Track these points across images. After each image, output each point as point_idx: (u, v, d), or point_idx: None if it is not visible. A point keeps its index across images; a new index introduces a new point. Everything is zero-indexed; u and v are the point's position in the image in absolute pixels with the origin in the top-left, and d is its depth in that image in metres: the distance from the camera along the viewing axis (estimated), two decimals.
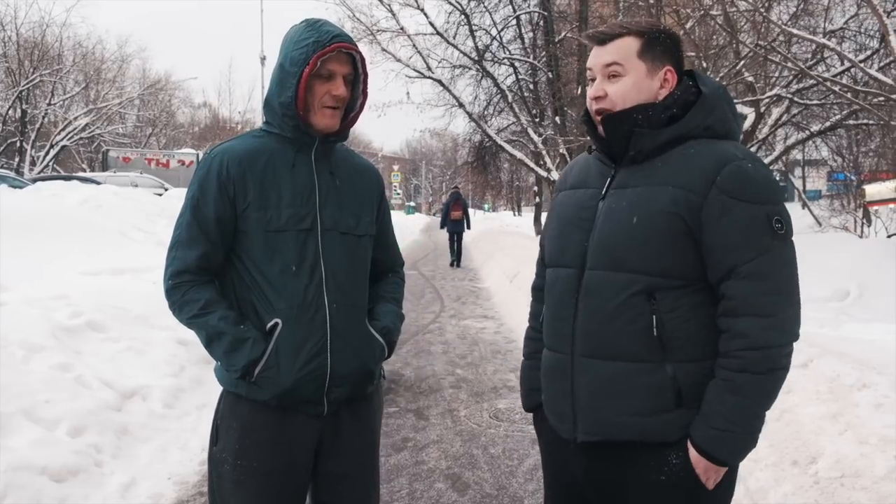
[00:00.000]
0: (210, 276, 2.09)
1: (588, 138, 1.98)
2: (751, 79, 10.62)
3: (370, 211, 2.22)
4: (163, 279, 2.10)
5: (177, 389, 5.21)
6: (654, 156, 1.79)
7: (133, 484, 3.90)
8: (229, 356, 2.01)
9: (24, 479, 3.48)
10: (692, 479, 1.75)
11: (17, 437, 3.74)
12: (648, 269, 1.72)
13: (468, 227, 18.83)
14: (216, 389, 2.19)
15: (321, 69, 2.01)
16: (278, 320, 2.01)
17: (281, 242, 2.03)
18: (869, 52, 10.93)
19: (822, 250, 10.44)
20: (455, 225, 18.30)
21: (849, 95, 9.27)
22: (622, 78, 1.80)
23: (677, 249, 1.71)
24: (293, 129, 2.06)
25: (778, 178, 31.14)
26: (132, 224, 11.08)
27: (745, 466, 3.63)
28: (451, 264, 18.22)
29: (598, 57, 1.84)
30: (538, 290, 2.14)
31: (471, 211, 21.92)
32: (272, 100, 2.08)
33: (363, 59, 2.10)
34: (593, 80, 1.86)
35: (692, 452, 1.72)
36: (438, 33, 18.55)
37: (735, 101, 8.74)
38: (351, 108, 2.15)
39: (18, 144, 31.26)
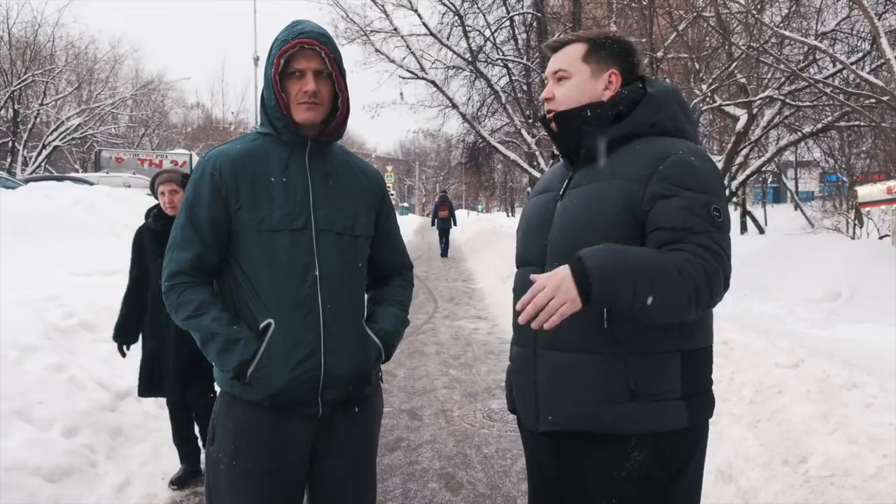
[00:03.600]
0: (206, 277, 2.10)
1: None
2: (743, 80, 10.67)
3: (368, 212, 2.22)
4: (161, 281, 2.11)
5: None
6: (605, 154, 1.87)
7: (127, 484, 3.91)
8: (222, 357, 2.01)
9: (17, 480, 3.47)
10: (655, 476, 1.77)
11: (11, 437, 3.73)
12: None
13: (454, 224, 22.30)
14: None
15: (290, 67, 2.02)
16: (271, 320, 2.01)
17: (274, 242, 2.04)
18: (860, 55, 10.99)
19: (813, 251, 10.51)
20: (443, 222, 21.74)
21: (840, 97, 9.33)
22: (567, 81, 1.94)
23: (626, 241, 1.74)
24: (284, 129, 2.08)
25: (770, 180, 31.32)
26: (125, 225, 11.02)
27: (735, 466, 3.68)
28: (441, 255, 21.14)
29: (550, 64, 2.00)
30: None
31: (465, 212, 25.81)
32: (264, 102, 2.11)
33: (330, 55, 2.05)
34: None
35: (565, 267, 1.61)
36: (432, 34, 18.54)
37: (727, 102, 8.79)
38: (337, 106, 2.15)
39: (10, 145, 31.09)
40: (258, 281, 2.04)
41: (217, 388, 2.17)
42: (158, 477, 4.08)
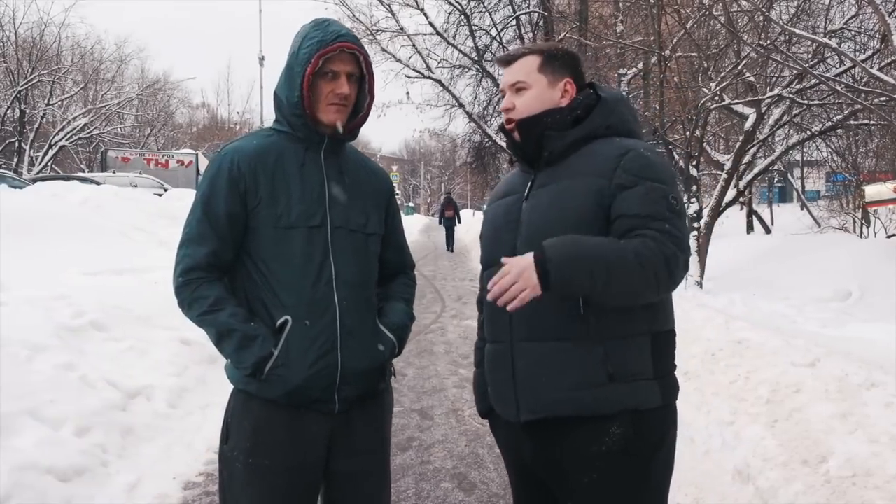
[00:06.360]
0: (220, 273, 2.08)
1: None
2: (752, 79, 10.62)
3: (378, 210, 2.23)
4: (172, 276, 2.09)
5: (180, 389, 5.20)
6: (566, 156, 2.00)
7: (139, 484, 3.89)
8: (239, 354, 1.99)
9: (29, 479, 3.46)
10: (635, 450, 1.85)
11: (23, 437, 3.72)
12: None
13: (459, 222, 25.63)
14: (219, 389, 2.17)
15: (325, 68, 2.02)
16: (288, 317, 2.00)
17: (290, 239, 2.03)
18: (870, 53, 10.93)
19: (822, 251, 10.45)
20: (449, 221, 24.58)
21: (850, 95, 9.27)
22: (527, 91, 2.05)
23: (595, 231, 1.86)
24: (302, 127, 2.07)
25: (776, 179, 31.22)
26: (132, 224, 11.06)
27: (754, 466, 3.64)
28: (448, 250, 23.53)
29: (505, 77, 2.10)
30: (482, 302, 2.25)
31: (470, 212, 29.01)
32: (281, 98, 2.09)
33: (367, 60, 2.11)
34: (505, 97, 2.11)
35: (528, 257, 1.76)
36: (438, 33, 18.56)
37: (736, 101, 8.74)
38: (359, 108, 2.15)
39: (17, 145, 31.16)
40: (274, 278, 2.03)
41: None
42: (170, 477, 4.06)
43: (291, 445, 2.03)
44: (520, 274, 1.73)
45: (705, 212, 10.78)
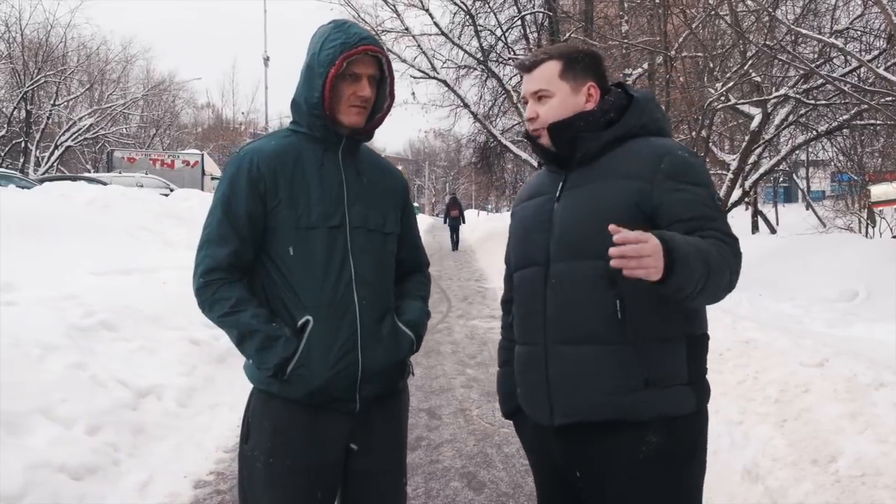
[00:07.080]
0: (241, 274, 2.09)
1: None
2: (757, 79, 10.61)
3: (395, 210, 2.24)
4: (192, 278, 2.10)
5: (190, 388, 5.22)
6: (599, 156, 1.96)
7: (150, 482, 3.91)
8: (261, 354, 2.01)
9: (42, 477, 3.48)
10: (671, 457, 1.84)
11: (36, 435, 3.76)
12: (607, 255, 1.79)
13: (463, 221, 26.15)
14: (228, 388, 2.19)
15: (347, 70, 2.03)
16: (309, 317, 2.01)
17: (311, 239, 2.04)
18: (876, 53, 10.92)
19: (828, 251, 10.42)
20: (454, 220, 25.37)
21: (856, 95, 9.26)
22: (550, 99, 2.01)
23: None
24: (321, 128, 2.08)
25: (781, 179, 31.20)
26: (139, 224, 11.10)
27: (763, 466, 3.65)
28: (452, 249, 24.21)
29: (527, 84, 2.06)
30: (507, 303, 2.27)
31: (474, 211, 29.11)
32: (300, 99, 2.11)
33: (389, 62, 2.13)
34: (527, 103, 2.08)
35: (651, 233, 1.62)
36: (443, 34, 18.57)
37: (742, 101, 8.73)
38: (378, 109, 2.17)
39: (23, 145, 31.25)
40: (294, 278, 2.04)
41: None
42: (181, 475, 4.08)
43: (312, 445, 2.04)
44: (654, 251, 1.59)
45: None
